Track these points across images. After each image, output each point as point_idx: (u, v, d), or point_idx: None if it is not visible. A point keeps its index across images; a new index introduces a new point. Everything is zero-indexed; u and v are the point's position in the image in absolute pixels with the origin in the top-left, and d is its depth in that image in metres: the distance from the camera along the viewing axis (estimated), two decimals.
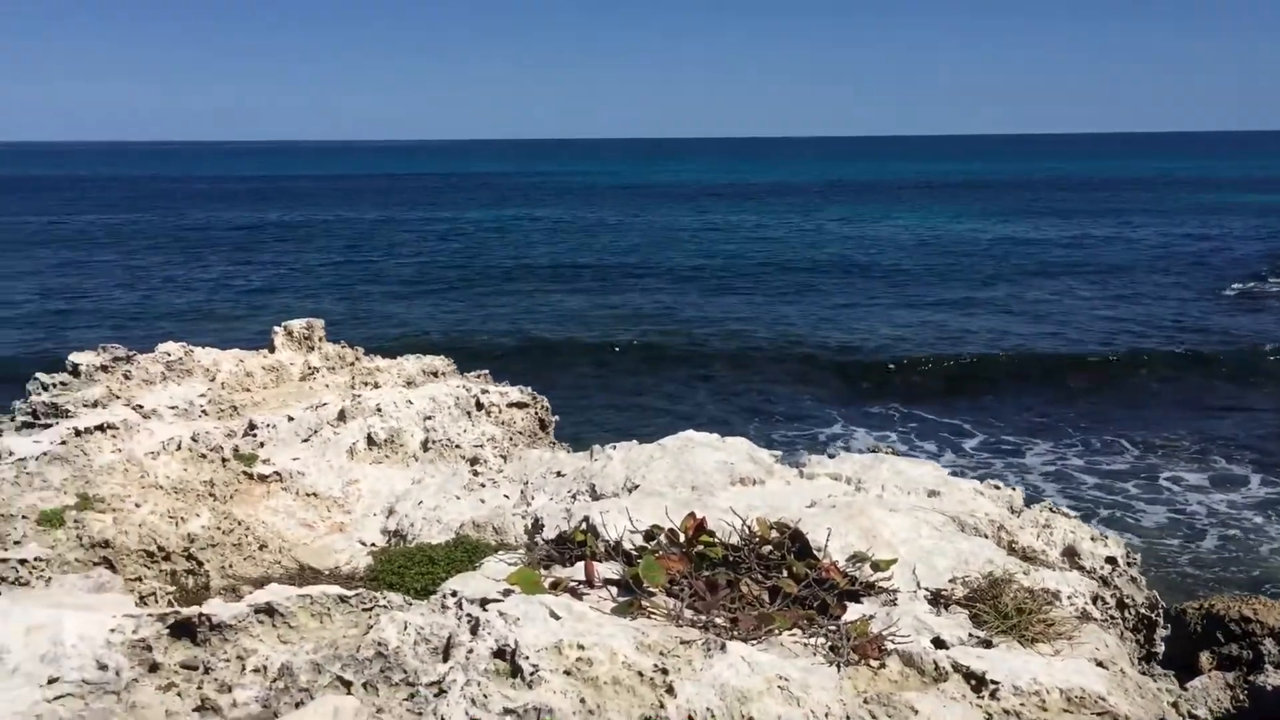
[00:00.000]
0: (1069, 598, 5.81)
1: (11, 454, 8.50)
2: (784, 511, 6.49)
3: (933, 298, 42.79)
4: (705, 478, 7.31)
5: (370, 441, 9.07)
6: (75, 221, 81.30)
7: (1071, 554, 6.77)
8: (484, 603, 4.84)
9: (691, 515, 6.11)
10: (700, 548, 5.79)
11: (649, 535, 5.99)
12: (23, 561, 6.08)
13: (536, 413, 10.09)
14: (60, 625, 4.55)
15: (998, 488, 7.48)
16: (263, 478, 8.33)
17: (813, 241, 65.10)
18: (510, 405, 9.99)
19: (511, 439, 9.41)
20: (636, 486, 7.25)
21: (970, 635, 5.16)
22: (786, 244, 64.07)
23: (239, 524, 7.41)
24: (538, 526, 6.97)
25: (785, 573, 5.54)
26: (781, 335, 35.65)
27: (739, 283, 47.73)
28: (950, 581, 5.72)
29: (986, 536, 6.58)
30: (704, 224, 78.89)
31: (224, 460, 8.42)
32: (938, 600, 5.55)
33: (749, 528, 6.02)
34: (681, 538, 5.93)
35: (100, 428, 8.95)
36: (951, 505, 6.88)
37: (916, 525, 6.24)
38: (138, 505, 7.44)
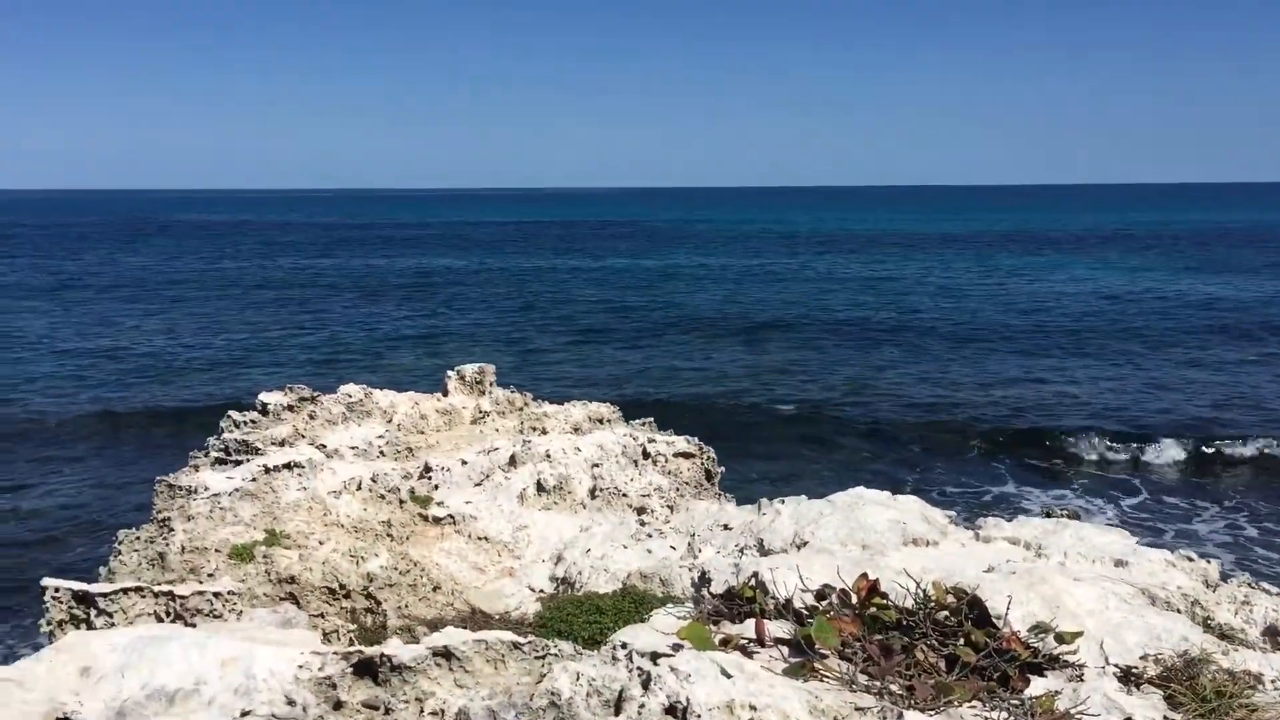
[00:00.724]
0: (1273, 682, 5.42)
1: (207, 489, 8.98)
2: (959, 576, 6.29)
3: (1111, 358, 41.07)
4: (876, 536, 7.16)
5: (540, 487, 9.22)
6: (279, 264, 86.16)
7: (1274, 634, 6.33)
8: (655, 656, 4.83)
9: (864, 576, 5.98)
10: (873, 610, 5.65)
11: (820, 595, 5.88)
12: (217, 595, 6.39)
13: (703, 463, 10.09)
14: (252, 659, 4.75)
15: (1190, 559, 7.07)
16: (437, 520, 8.56)
17: (990, 294, 63.47)
18: (677, 455, 10.02)
19: (678, 489, 9.42)
20: (805, 543, 7.15)
21: (1165, 718, 4.87)
22: (959, 296, 62.66)
23: (415, 565, 7.62)
24: (705, 580, 6.93)
25: (963, 641, 5.35)
26: (949, 390, 34.80)
27: (905, 336, 46.89)
28: (1141, 659, 5.42)
29: (1180, 611, 6.22)
30: (875, 274, 78.02)
31: (401, 501, 8.69)
32: (1128, 678, 5.26)
33: (923, 591, 5.85)
34: (854, 599, 5.81)
35: (287, 466, 9.38)
36: (1141, 576, 6.54)
37: (1104, 596, 5.95)
38: (321, 543, 7.74)
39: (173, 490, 8.96)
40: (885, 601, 5.70)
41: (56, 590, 6.19)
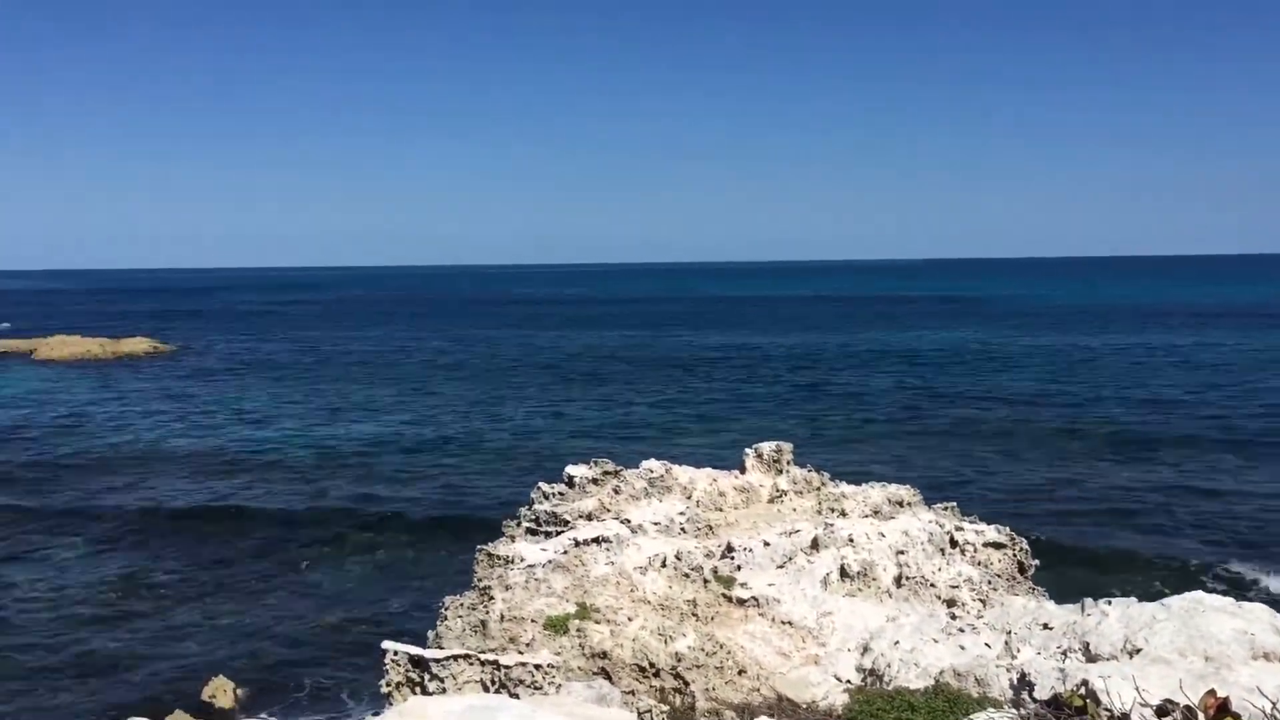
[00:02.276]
0: None
1: (522, 560, 9.41)
2: None
3: None
4: (1220, 648, 6.54)
5: (843, 573, 9.06)
6: (580, 338, 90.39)
7: None
8: None
9: (1211, 693, 5.45)
10: None
11: (1162, 711, 5.41)
12: (538, 666, 6.65)
13: (1015, 555, 9.61)
14: None
15: None
16: (741, 601, 8.57)
17: None
18: (986, 545, 9.60)
19: (989, 581, 9.00)
20: (1138, 650, 6.63)
21: None
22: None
23: (721, 647, 7.65)
24: (1025, 683, 6.56)
25: None
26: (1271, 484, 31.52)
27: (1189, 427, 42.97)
28: None
29: None
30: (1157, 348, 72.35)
31: (705, 581, 8.77)
32: None
33: None
34: (1201, 718, 5.32)
35: (596, 540, 9.68)
36: None
37: None
38: (630, 619, 7.91)
39: (491, 559, 9.45)
40: None
41: (395, 653, 6.63)
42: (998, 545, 9.60)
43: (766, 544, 9.55)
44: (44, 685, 18.12)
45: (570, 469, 13.26)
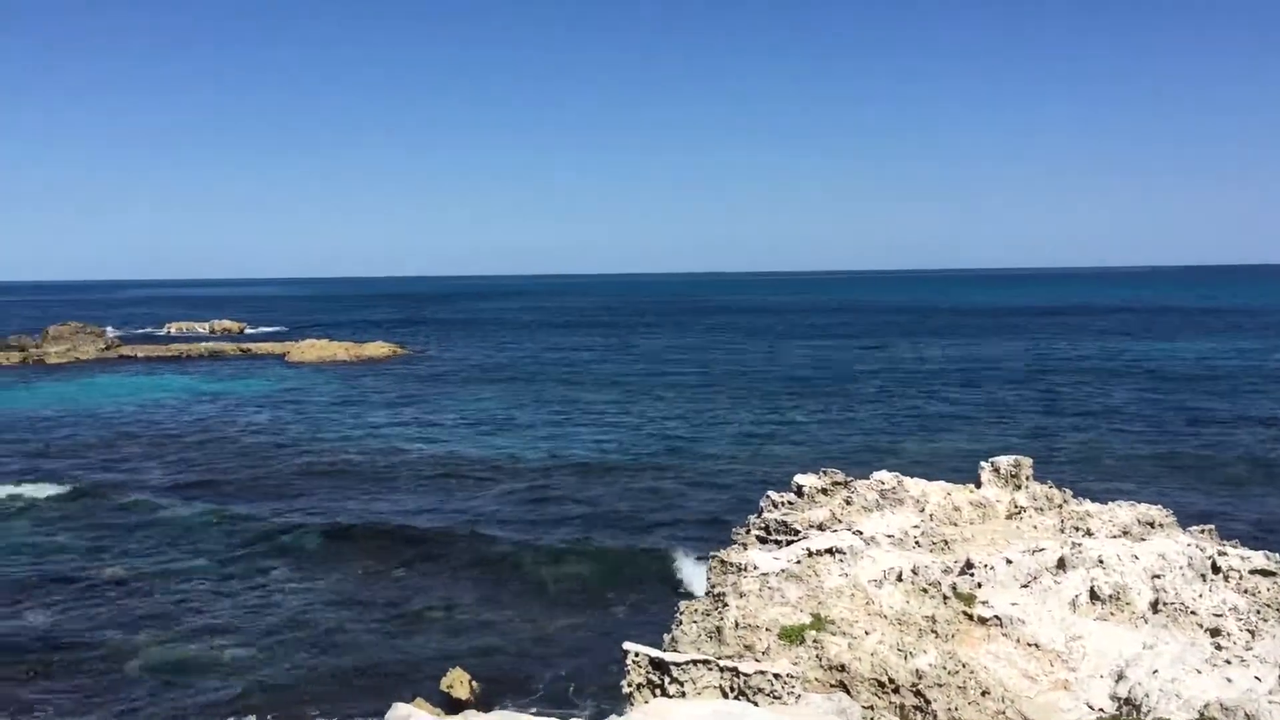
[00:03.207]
0: None
1: (755, 568, 9.41)
2: None
3: None
4: None
5: (1093, 595, 8.62)
6: (803, 348, 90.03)
7: None
8: None
9: None
10: None
11: None
12: (776, 675, 6.62)
13: None
14: None
15: None
16: (982, 620, 8.29)
17: None
18: (1253, 572, 8.92)
19: (1258, 611, 8.36)
20: None
21: None
22: None
23: (963, 665, 7.41)
24: None
25: None
26: None
27: None
28: None
29: None
30: None
31: (944, 597, 8.53)
32: None
33: None
34: None
35: (829, 551, 9.58)
36: None
37: None
38: (867, 633, 7.78)
39: (725, 566, 9.49)
40: None
41: (636, 655, 6.76)
42: (1266, 573, 8.91)
43: (1009, 561, 9.20)
44: (288, 673, 19.39)
45: (799, 478, 13.17)
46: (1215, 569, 9.05)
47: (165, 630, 21.25)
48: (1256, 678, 7.16)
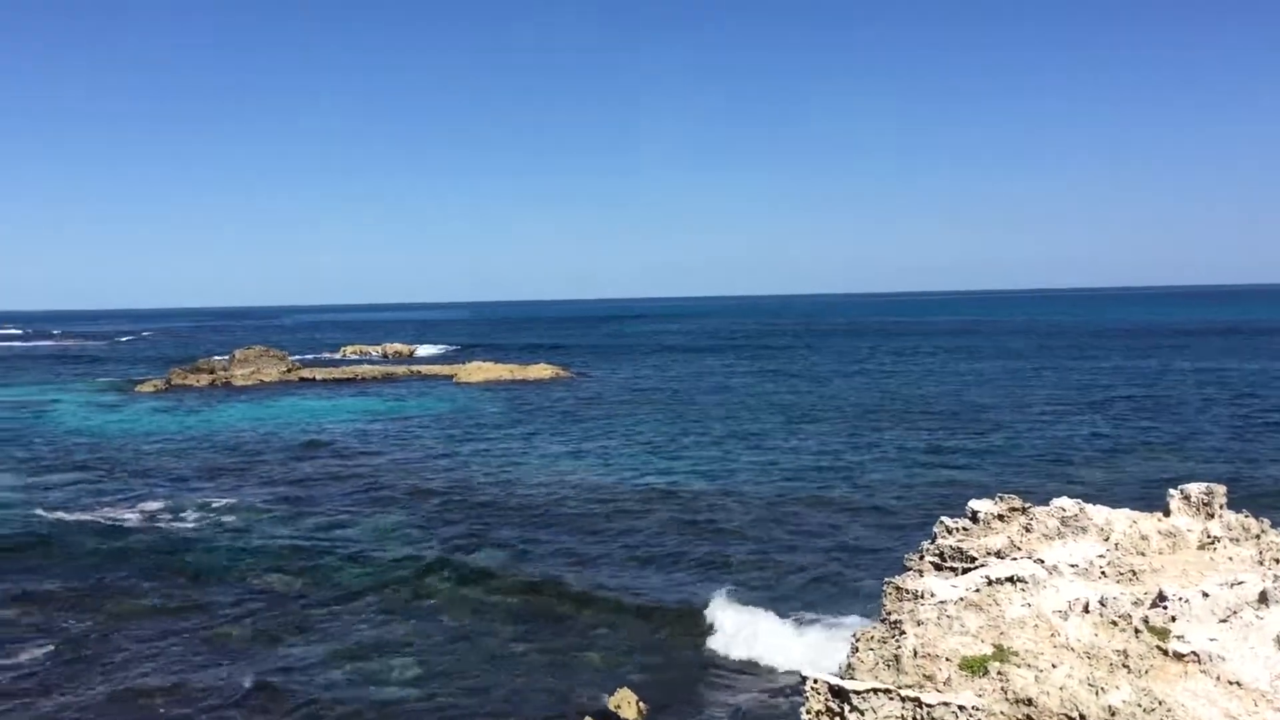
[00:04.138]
0: None
1: (932, 595, 9.21)
2: None
3: None
4: None
5: None
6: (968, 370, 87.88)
7: None
8: None
9: None
10: None
11: None
12: (961, 707, 6.48)
13: None
14: None
15: None
16: (1179, 656, 7.89)
17: None
18: None
19: None
20: None
21: None
22: None
23: (1159, 703, 7.09)
24: None
25: None
26: None
27: None
28: None
29: None
30: None
31: (1135, 631, 8.17)
32: None
33: None
34: None
35: (1010, 579, 9.30)
36: None
37: None
38: (1054, 665, 7.52)
39: (900, 593, 9.33)
40: None
41: (815, 682, 6.70)
42: None
43: (1205, 595, 8.75)
44: (455, 691, 19.86)
45: (974, 503, 12.84)
46: None
47: (339, 643, 22.10)
48: None
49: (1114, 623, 8.33)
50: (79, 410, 68.03)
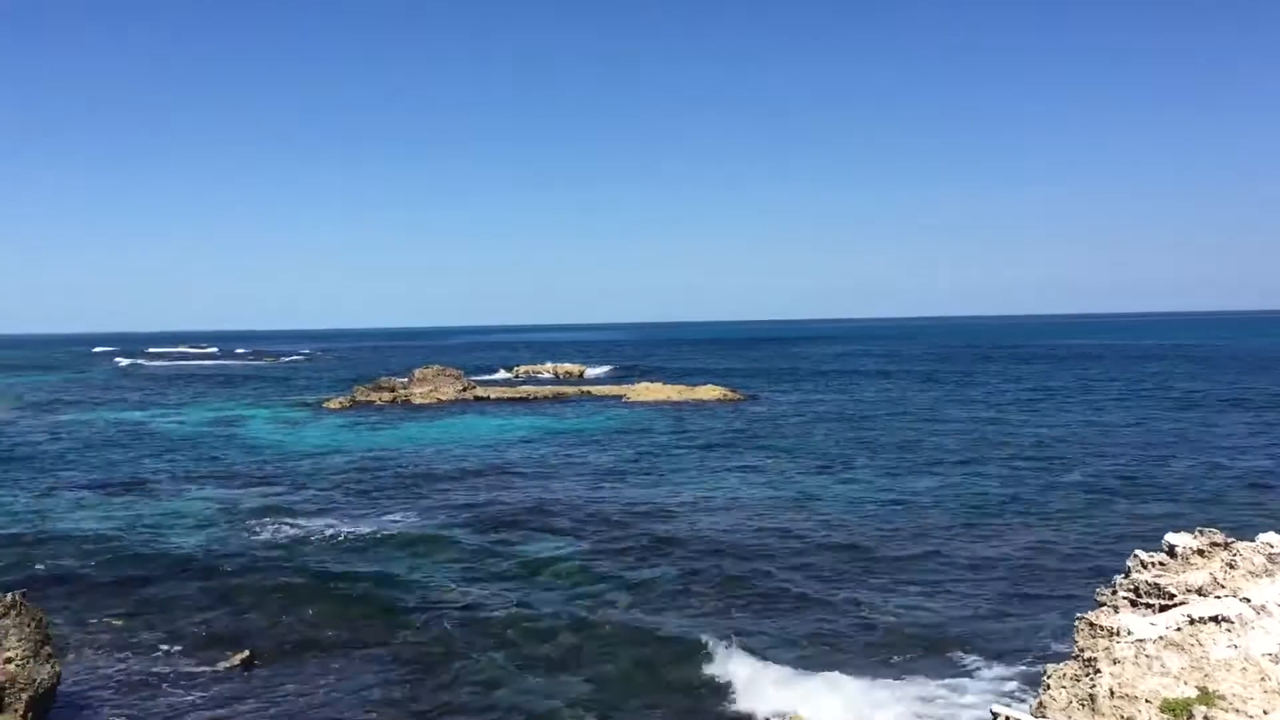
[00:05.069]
0: None
1: (1129, 633, 8.88)
2: None
3: None
4: None
5: None
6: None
7: None
8: None
9: None
10: None
11: None
12: None
13: None
14: None
15: None
16: None
17: None
18: None
19: None
20: None
21: None
22: None
23: None
24: None
25: None
26: None
27: None
28: None
29: None
30: None
31: None
32: None
33: None
34: None
35: (1214, 619, 8.89)
36: None
37: None
38: (1265, 712, 7.15)
39: (1094, 629, 9.03)
40: None
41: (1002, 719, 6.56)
42: None
43: None
44: (620, 700, 20.07)
45: (1170, 537, 12.30)
46: None
47: (513, 654, 22.69)
48: None
49: None
50: (271, 426, 72.04)
